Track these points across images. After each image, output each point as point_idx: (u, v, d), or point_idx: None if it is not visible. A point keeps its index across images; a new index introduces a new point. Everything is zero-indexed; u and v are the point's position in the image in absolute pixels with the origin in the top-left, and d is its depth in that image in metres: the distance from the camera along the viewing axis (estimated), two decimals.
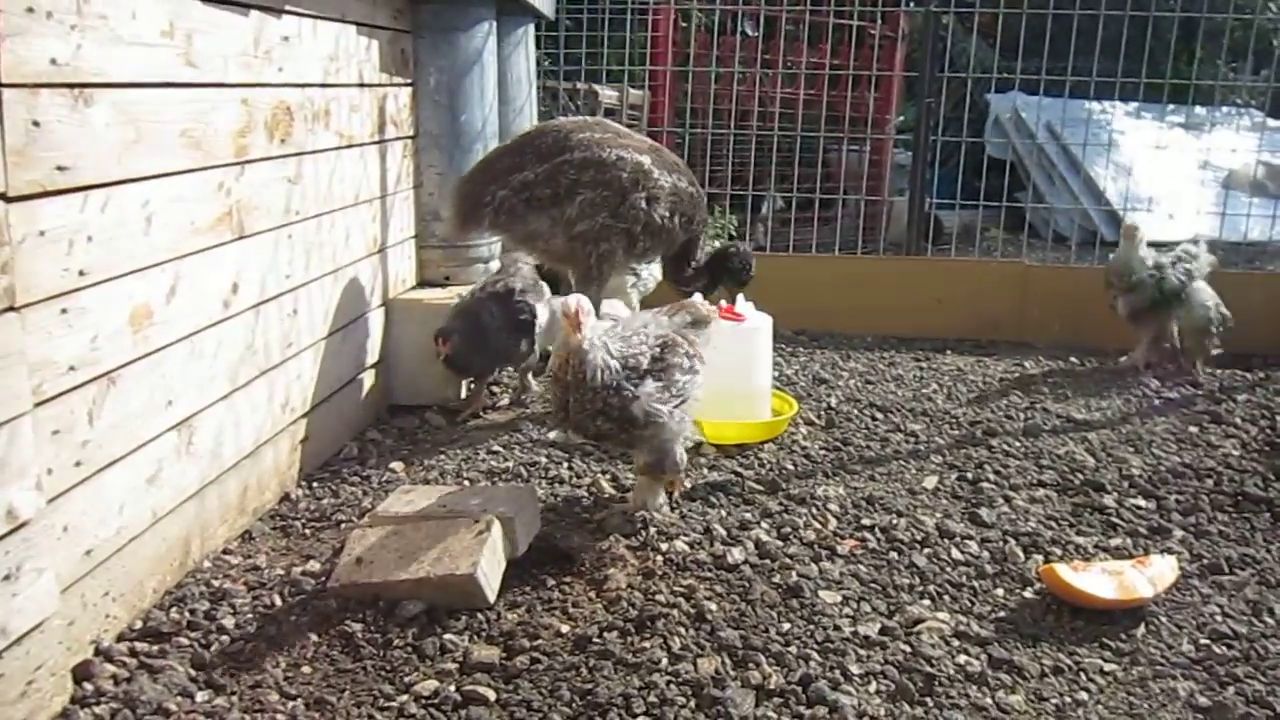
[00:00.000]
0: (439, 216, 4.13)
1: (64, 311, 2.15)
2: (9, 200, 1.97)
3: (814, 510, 3.08)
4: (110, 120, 2.28)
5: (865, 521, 3.03)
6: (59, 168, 2.11)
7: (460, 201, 3.69)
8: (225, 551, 2.81)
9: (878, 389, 4.45)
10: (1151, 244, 7.39)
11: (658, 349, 2.83)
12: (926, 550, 2.87)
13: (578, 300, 2.60)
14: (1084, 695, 2.27)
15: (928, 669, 2.31)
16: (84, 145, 2.19)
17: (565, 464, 3.41)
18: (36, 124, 2.04)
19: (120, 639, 2.37)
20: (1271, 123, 8.49)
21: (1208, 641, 2.50)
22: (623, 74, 6.53)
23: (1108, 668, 2.38)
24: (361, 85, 3.60)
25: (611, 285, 4.14)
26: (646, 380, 2.76)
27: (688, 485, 3.23)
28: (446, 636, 2.36)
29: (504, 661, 2.28)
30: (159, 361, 2.50)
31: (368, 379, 3.79)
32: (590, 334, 2.64)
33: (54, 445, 2.13)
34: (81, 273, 2.20)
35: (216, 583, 2.62)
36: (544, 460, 3.46)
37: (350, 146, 3.53)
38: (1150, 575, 2.66)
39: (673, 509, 3.06)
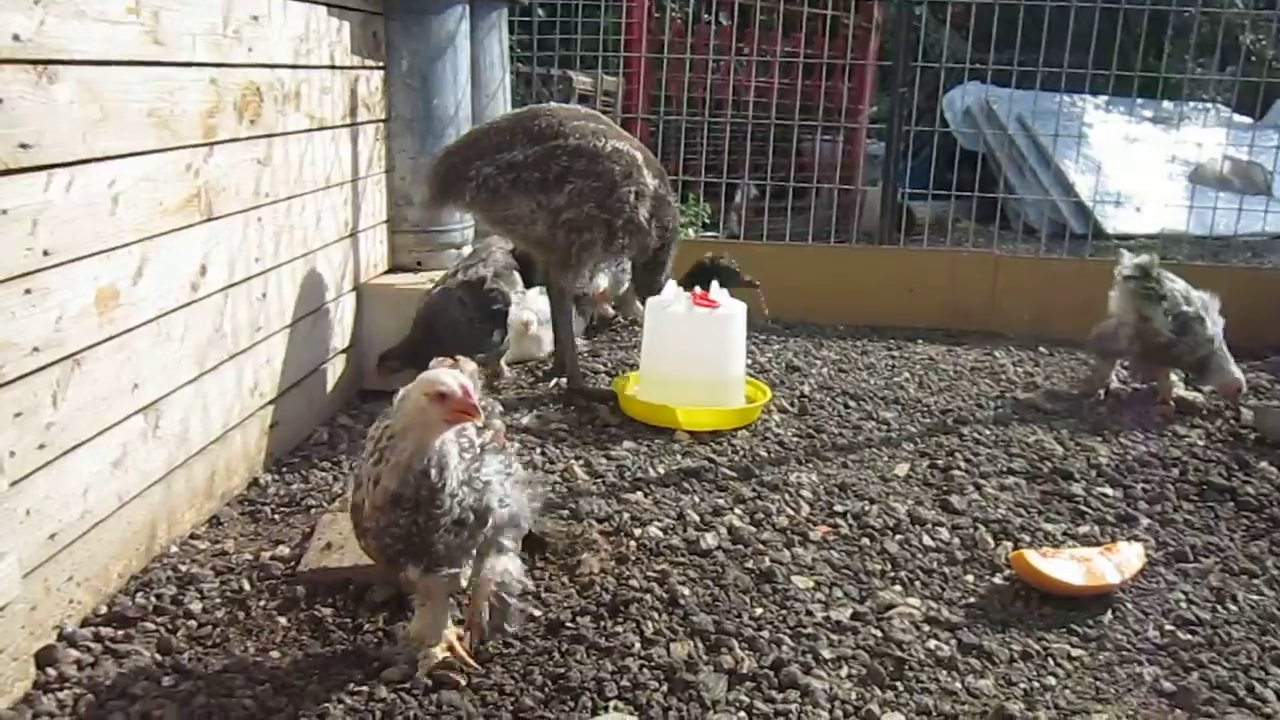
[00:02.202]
0: (411, 201, 4.09)
1: (27, 292, 2.11)
2: None
3: (787, 496, 3.09)
4: (75, 98, 2.23)
5: (838, 508, 3.04)
6: (22, 145, 2.07)
7: (442, 174, 3.64)
8: (193, 536, 2.78)
9: (850, 377, 4.47)
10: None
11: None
12: (898, 537, 2.89)
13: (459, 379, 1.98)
14: (1051, 680, 2.29)
15: (898, 654, 2.32)
16: (47, 123, 2.15)
17: (538, 450, 3.40)
18: None
19: (85, 624, 2.33)
20: (1238, 118, 8.59)
21: (1173, 627, 2.53)
22: (597, 60, 6.50)
23: (1075, 653, 2.40)
24: (333, 67, 3.56)
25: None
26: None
27: (661, 471, 3.24)
28: None
29: (476, 646, 2.27)
30: (125, 344, 2.46)
31: (339, 364, 3.75)
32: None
33: (16, 428, 2.09)
34: (46, 253, 2.16)
35: (184, 568, 2.59)
36: (516, 446, 3.44)
37: (321, 129, 3.49)
38: (1117, 562, 2.69)
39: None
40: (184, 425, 2.75)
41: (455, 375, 1.96)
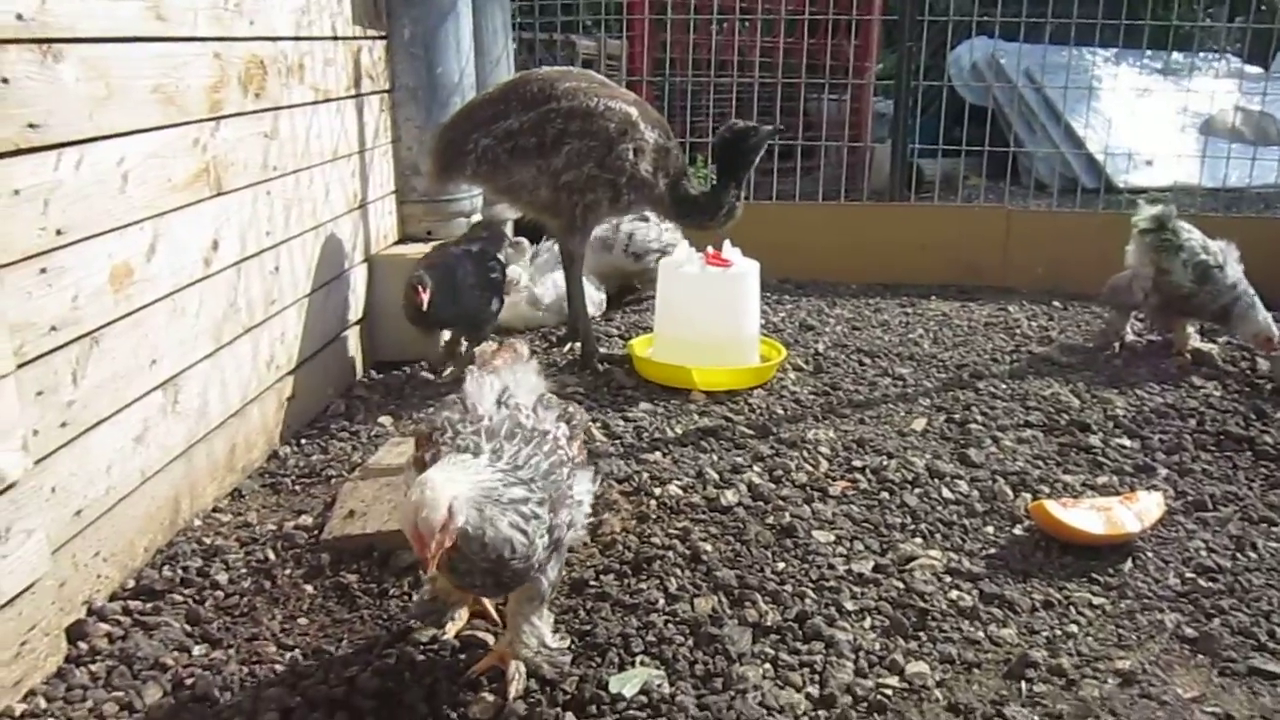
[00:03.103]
0: (418, 171, 4.09)
1: (43, 271, 2.12)
2: None
3: (805, 453, 3.09)
4: (80, 76, 2.23)
5: (856, 463, 3.04)
6: (30, 125, 2.08)
7: (441, 150, 3.65)
8: (215, 509, 2.80)
9: (864, 334, 4.46)
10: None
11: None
12: (917, 490, 2.89)
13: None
14: (1074, 628, 2.30)
15: (921, 604, 2.34)
16: (55, 102, 2.15)
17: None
18: (5, 81, 2.00)
19: (113, 598, 2.36)
20: (1249, 69, 8.47)
21: (1193, 575, 2.54)
22: (599, 24, 6.44)
23: (1096, 601, 2.41)
24: (335, 38, 3.54)
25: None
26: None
27: (679, 431, 3.25)
28: None
29: (500, 607, 2.28)
30: (141, 320, 2.47)
31: (352, 335, 3.76)
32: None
33: (38, 406, 2.11)
34: (59, 232, 2.17)
35: (208, 540, 2.62)
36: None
37: (326, 101, 3.48)
38: (1137, 511, 2.69)
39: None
40: (202, 400, 2.76)
41: (436, 506, 1.63)
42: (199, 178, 2.72)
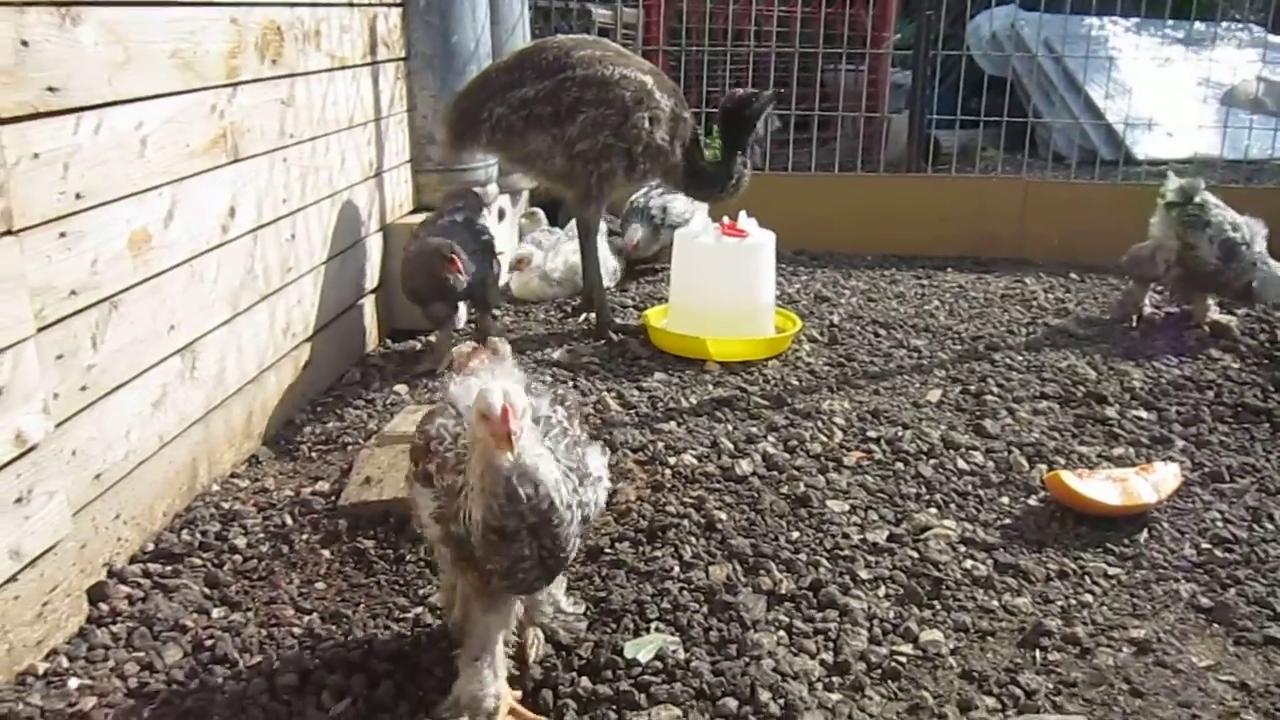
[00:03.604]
0: (434, 140, 4.07)
1: (62, 235, 2.13)
2: (1, 122, 1.94)
3: (820, 424, 3.09)
4: (99, 40, 2.23)
5: (871, 434, 3.04)
6: (49, 89, 2.08)
7: (456, 119, 3.63)
8: (233, 475, 2.83)
9: (879, 306, 4.44)
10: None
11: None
12: (932, 461, 2.89)
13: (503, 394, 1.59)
14: (1088, 597, 2.30)
15: (935, 573, 2.34)
16: (74, 66, 2.15)
17: (570, 382, 3.41)
18: (25, 43, 2.01)
19: (133, 560, 2.39)
20: (1272, 38, 8.35)
21: (1209, 546, 2.53)
22: None
23: (1112, 571, 2.41)
24: (351, 4, 3.52)
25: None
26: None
27: (693, 401, 3.25)
28: None
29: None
30: (159, 286, 2.49)
31: (368, 304, 3.77)
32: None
33: (59, 370, 2.13)
34: (78, 196, 2.17)
35: (226, 505, 2.64)
36: (549, 379, 3.46)
37: (342, 68, 3.47)
38: (1154, 482, 2.68)
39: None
40: (220, 366, 2.78)
41: (502, 392, 1.58)
42: (216, 144, 2.72)
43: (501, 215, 4.62)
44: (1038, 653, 2.11)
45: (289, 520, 2.55)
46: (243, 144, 2.84)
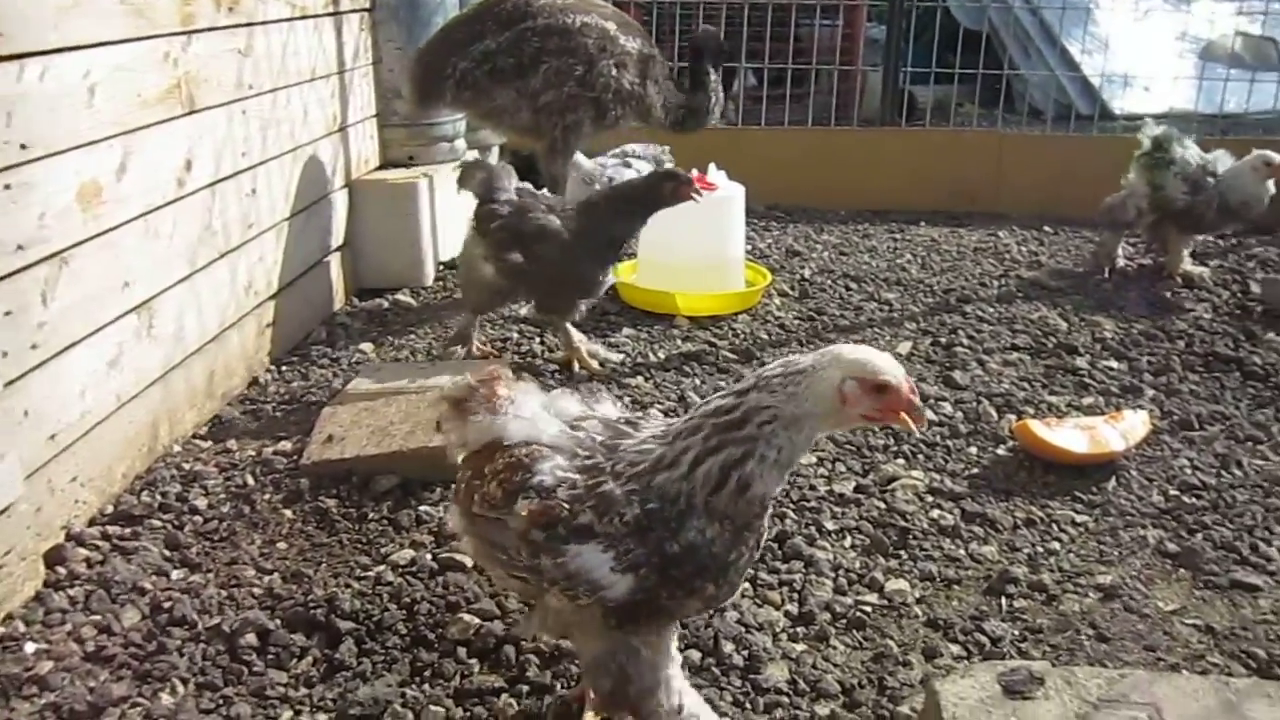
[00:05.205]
0: (400, 94, 3.99)
1: (7, 188, 2.06)
2: None
3: None
4: None
5: None
6: None
7: (419, 75, 3.57)
8: (195, 436, 2.78)
9: (851, 260, 4.42)
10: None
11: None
12: None
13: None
14: (1055, 545, 2.30)
15: (902, 523, 2.34)
16: (16, 8, 2.07)
17: (537, 339, 3.37)
18: None
19: (92, 523, 2.35)
20: None
21: (1177, 492, 2.54)
22: None
23: (1079, 519, 2.41)
24: None
25: None
26: None
27: (661, 356, 3.22)
28: (421, 508, 2.36)
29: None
30: (113, 241, 2.42)
31: (334, 262, 3.71)
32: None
33: (8, 328, 2.07)
34: (23, 146, 2.11)
35: (187, 466, 2.60)
36: (515, 336, 3.42)
37: (303, 18, 3.38)
38: (1122, 429, 2.68)
39: None
40: (179, 324, 2.72)
41: (893, 360, 1.46)
42: (170, 94, 2.64)
43: None
44: (1004, 600, 2.10)
45: (251, 480, 2.51)
46: (199, 95, 2.77)
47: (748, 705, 1.81)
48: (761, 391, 1.46)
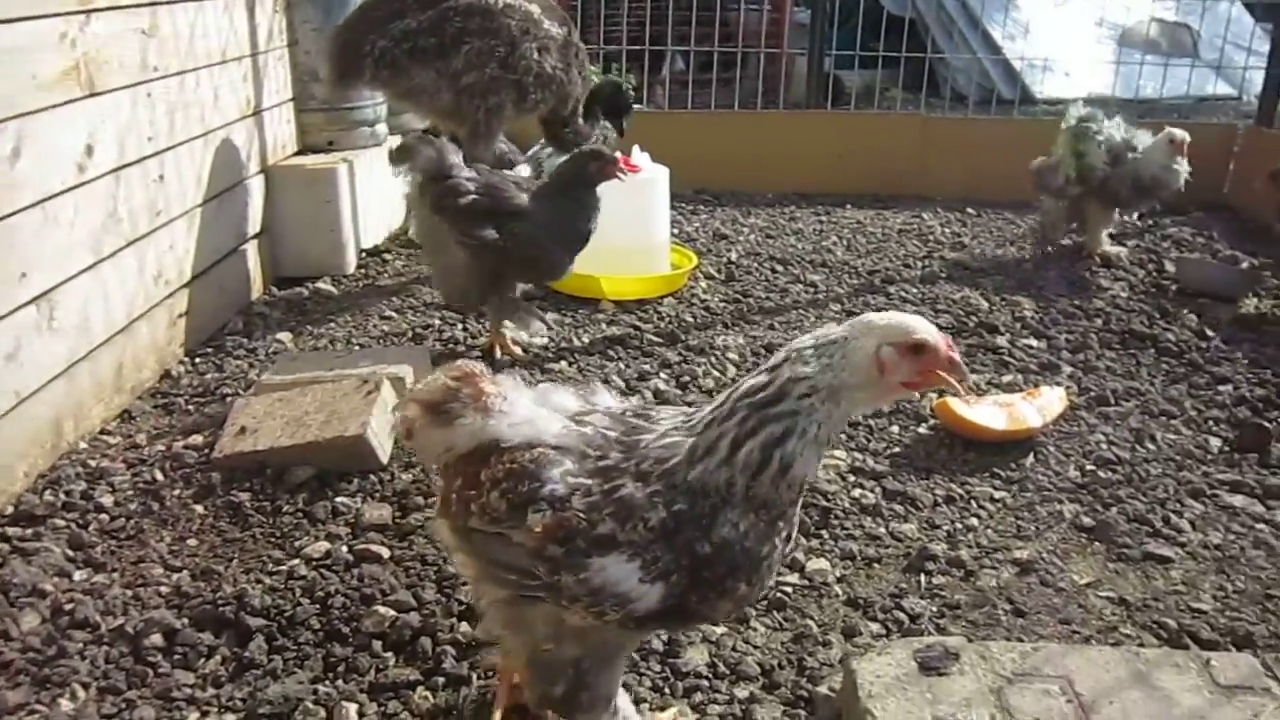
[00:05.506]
0: (318, 77, 3.89)
1: None
2: None
3: (713, 360, 3.06)
4: None
5: None
6: None
7: (337, 53, 3.47)
8: (103, 431, 2.68)
9: (778, 243, 4.42)
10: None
11: None
12: None
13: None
14: (974, 521, 2.32)
15: (824, 503, 2.34)
16: None
17: (460, 325, 3.32)
18: None
19: None
20: None
21: (1093, 467, 2.58)
22: None
23: (998, 495, 2.44)
24: None
25: None
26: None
27: (585, 340, 3.18)
28: (338, 499, 2.31)
29: (398, 520, 2.23)
30: (8, 230, 2.32)
31: (251, 250, 3.61)
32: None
33: None
34: None
35: (94, 463, 2.50)
36: (437, 322, 3.36)
37: None
38: (1039, 406, 2.72)
39: None
40: (83, 316, 2.62)
41: (925, 321, 1.41)
42: (68, 75, 2.54)
43: None
44: (923, 577, 2.12)
45: (160, 476, 2.43)
46: (99, 77, 2.67)
47: (667, 690, 1.79)
48: (795, 363, 1.39)
